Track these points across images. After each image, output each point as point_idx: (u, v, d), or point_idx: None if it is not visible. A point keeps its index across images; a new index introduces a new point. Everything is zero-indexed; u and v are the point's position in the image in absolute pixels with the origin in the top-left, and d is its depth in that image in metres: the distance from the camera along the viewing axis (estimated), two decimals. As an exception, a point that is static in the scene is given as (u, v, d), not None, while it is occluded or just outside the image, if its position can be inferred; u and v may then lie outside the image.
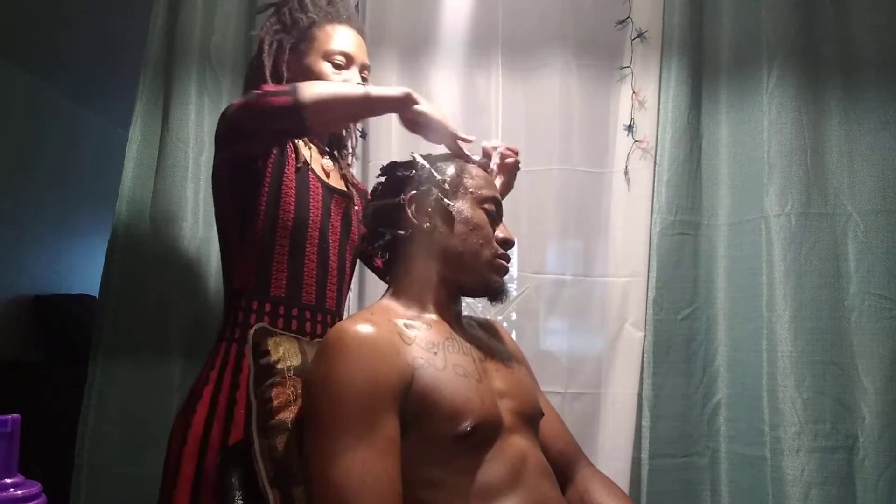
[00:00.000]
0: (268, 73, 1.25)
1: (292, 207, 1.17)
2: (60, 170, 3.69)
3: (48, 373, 2.90)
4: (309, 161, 1.23)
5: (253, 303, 1.16)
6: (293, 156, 1.21)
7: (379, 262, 1.26)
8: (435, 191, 1.00)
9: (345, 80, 1.24)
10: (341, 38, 1.27)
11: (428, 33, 1.65)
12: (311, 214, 1.19)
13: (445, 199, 0.99)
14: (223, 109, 1.11)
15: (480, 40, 1.62)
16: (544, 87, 1.63)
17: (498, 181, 1.16)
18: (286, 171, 1.19)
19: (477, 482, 0.84)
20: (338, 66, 1.25)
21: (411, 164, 1.05)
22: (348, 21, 1.30)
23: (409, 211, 1.01)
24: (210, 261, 1.56)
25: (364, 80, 1.29)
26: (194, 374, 1.49)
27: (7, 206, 3.29)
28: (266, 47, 1.27)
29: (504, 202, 1.09)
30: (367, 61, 1.30)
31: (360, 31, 1.32)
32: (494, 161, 1.17)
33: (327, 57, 1.25)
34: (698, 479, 1.49)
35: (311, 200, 1.20)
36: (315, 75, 1.24)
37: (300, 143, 1.24)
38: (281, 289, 1.16)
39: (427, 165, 1.03)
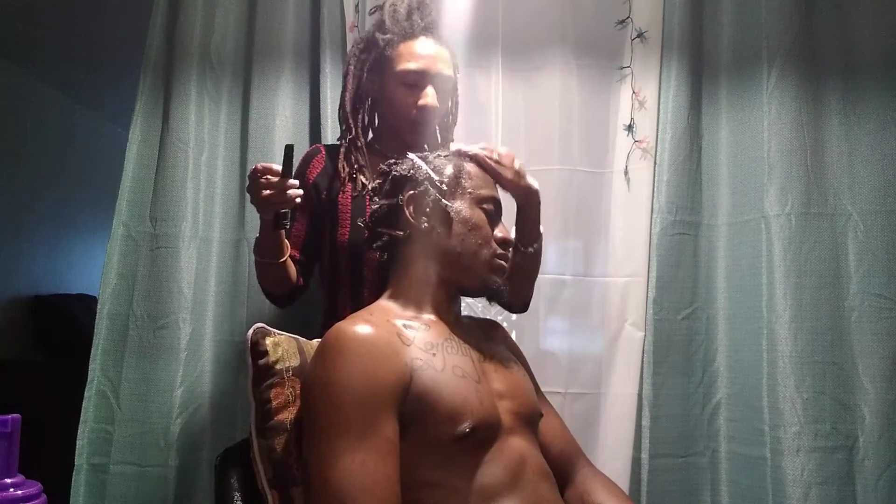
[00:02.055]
0: (349, 97, 1.32)
1: (347, 233, 1.26)
2: (61, 170, 3.70)
3: (48, 373, 2.90)
4: (367, 186, 1.28)
5: (327, 321, 1.26)
6: (350, 184, 1.29)
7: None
8: (433, 191, 0.99)
9: (419, 100, 1.26)
10: (413, 55, 1.26)
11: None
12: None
13: (443, 200, 0.99)
14: None
15: (480, 40, 1.62)
16: (544, 87, 1.63)
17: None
18: (341, 200, 1.28)
19: (476, 483, 0.84)
20: (409, 86, 1.27)
21: (409, 164, 1.03)
22: (425, 32, 1.28)
23: (406, 212, 1.00)
24: (210, 261, 1.56)
25: (444, 91, 1.30)
26: (194, 373, 1.50)
27: (7, 206, 3.29)
28: (351, 68, 1.32)
29: (503, 202, 1.09)
30: (445, 71, 1.29)
31: (443, 41, 1.30)
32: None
33: (399, 78, 1.27)
34: (698, 479, 1.48)
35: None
36: (389, 97, 1.29)
37: (363, 171, 1.31)
38: (346, 308, 1.25)
39: (424, 166, 1.02)
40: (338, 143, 1.38)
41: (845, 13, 1.49)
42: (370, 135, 1.39)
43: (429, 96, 1.27)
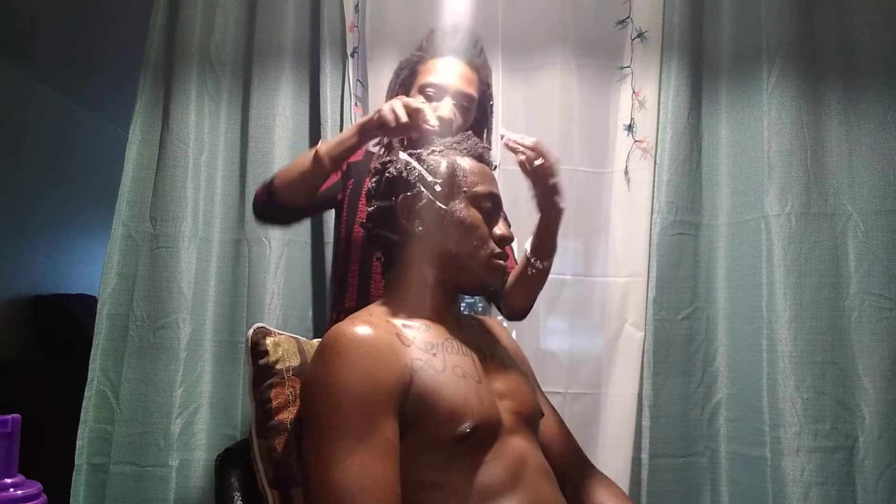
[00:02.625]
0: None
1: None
2: (61, 170, 3.69)
3: (48, 373, 2.90)
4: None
5: (333, 313, 1.32)
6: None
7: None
8: (426, 193, 0.96)
9: (434, 110, 1.26)
10: (439, 70, 1.31)
11: (428, 33, 1.65)
12: None
13: (437, 202, 0.96)
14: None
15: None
16: (544, 87, 1.63)
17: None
18: (365, 190, 1.29)
19: (476, 483, 0.83)
20: (428, 97, 1.30)
21: (402, 163, 1.00)
22: (454, 53, 1.33)
23: (400, 215, 0.98)
24: (210, 261, 1.56)
25: (464, 108, 1.31)
26: (194, 373, 1.50)
27: (7, 206, 3.29)
28: (389, 82, 1.39)
29: (504, 202, 1.05)
30: (467, 91, 1.31)
31: (472, 63, 1.34)
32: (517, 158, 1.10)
33: (421, 90, 1.31)
34: (698, 479, 1.48)
35: None
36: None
37: None
38: (353, 300, 1.28)
39: (417, 166, 0.98)
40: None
41: (845, 13, 1.49)
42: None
43: (444, 108, 1.28)
